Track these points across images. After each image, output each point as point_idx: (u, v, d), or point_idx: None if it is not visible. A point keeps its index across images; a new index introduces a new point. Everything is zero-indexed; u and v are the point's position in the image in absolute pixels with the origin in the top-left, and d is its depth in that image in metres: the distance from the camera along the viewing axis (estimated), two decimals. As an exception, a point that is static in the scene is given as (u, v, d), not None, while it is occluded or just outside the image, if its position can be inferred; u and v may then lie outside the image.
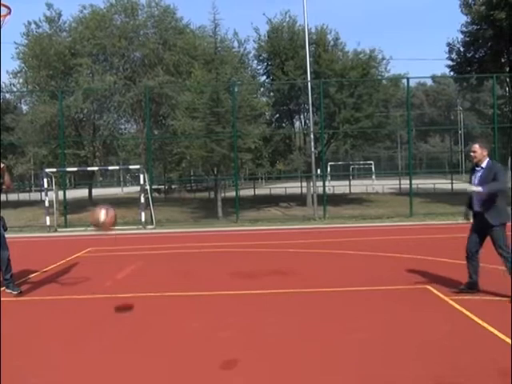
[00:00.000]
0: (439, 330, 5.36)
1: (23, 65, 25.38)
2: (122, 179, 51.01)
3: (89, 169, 23.79)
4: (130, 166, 21.13)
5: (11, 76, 26.13)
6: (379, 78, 24.03)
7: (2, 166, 7.48)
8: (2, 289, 7.79)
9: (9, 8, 6.49)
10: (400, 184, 32.84)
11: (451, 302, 6.36)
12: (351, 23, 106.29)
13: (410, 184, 19.28)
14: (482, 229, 6.57)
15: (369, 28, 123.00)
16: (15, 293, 7.67)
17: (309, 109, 21.41)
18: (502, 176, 6.47)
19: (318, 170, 22.71)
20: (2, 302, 7.29)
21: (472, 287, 6.76)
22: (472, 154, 6.67)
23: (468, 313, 5.85)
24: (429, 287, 7.15)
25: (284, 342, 5.13)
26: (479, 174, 6.58)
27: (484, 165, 6.56)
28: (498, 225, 6.43)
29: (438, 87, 79.74)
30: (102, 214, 6.03)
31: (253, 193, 33.65)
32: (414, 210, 18.72)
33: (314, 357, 4.70)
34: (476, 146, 6.60)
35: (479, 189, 6.38)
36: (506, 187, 6.69)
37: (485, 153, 6.58)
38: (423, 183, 30.62)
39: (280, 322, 5.83)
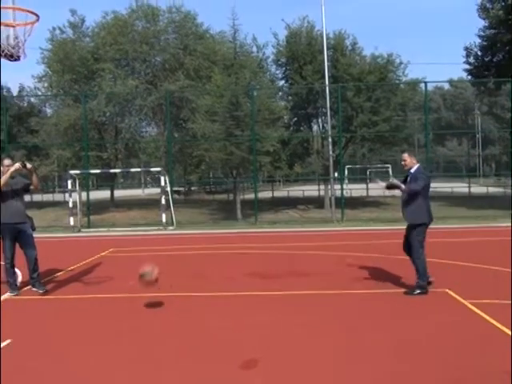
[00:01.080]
0: (458, 333, 5.36)
1: (48, 69, 25.95)
2: (142, 181, 51.50)
3: (111, 171, 24.31)
4: (151, 169, 21.62)
5: (36, 80, 26.83)
6: (397, 82, 24.14)
7: (30, 166, 7.67)
8: (28, 287, 7.98)
9: (37, 15, 6.65)
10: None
11: (470, 305, 6.34)
12: (369, 28, 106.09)
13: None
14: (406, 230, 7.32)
15: (386, 33, 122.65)
16: (41, 291, 7.84)
17: (326, 112, 21.57)
18: (419, 179, 7.07)
19: (336, 173, 22.88)
20: (28, 300, 7.52)
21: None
22: (402, 162, 7.40)
23: (487, 317, 5.81)
24: (448, 291, 7.13)
25: (303, 343, 5.18)
26: (408, 178, 7.29)
27: (413, 170, 7.25)
28: (412, 224, 7.09)
29: (455, 91, 79.23)
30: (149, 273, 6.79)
31: (271, 195, 33.86)
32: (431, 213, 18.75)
33: (332, 357, 4.76)
34: (405, 155, 7.38)
35: (382, 185, 6.98)
36: (412, 189, 7.07)
37: (414, 160, 7.31)
38: (441, 187, 30.55)
39: (299, 323, 5.88)
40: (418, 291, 7.01)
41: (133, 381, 4.42)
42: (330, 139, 21.27)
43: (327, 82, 21.14)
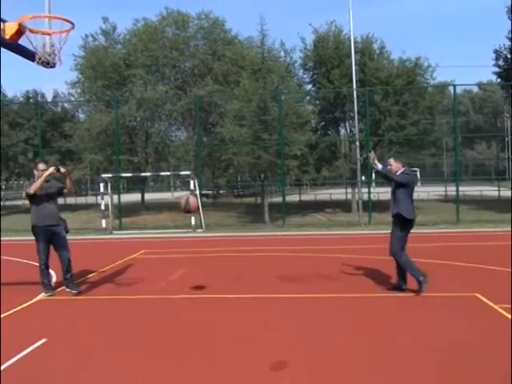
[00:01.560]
0: (488, 338, 5.32)
1: (81, 76, 26.62)
2: (172, 184, 52.05)
3: (142, 174, 24.75)
4: (181, 172, 21.92)
5: (69, 86, 27.53)
6: (425, 85, 24.01)
7: (64, 171, 7.88)
8: (62, 288, 8.17)
9: (72, 23, 6.76)
10: (446, 191, 32.51)
11: (500, 310, 6.30)
12: (397, 32, 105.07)
13: (457, 191, 19.21)
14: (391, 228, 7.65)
15: (414, 36, 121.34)
16: (74, 292, 8.00)
17: (354, 116, 21.51)
18: (399, 177, 7.44)
19: (363, 177, 22.84)
20: (61, 300, 7.67)
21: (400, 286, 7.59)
22: (389, 167, 7.70)
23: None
24: (477, 295, 7.09)
25: (331, 346, 5.22)
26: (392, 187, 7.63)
27: (398, 174, 7.55)
28: (396, 216, 7.50)
29: (484, 94, 77.89)
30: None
31: (298, 198, 33.86)
32: (460, 216, 18.62)
33: (360, 360, 4.79)
34: (391, 160, 7.75)
35: (378, 166, 7.56)
36: (395, 178, 7.45)
37: (399, 165, 7.62)
38: (469, 190, 30.17)
39: (326, 326, 5.94)
40: (422, 286, 7.21)
41: (163, 379, 4.53)
42: (357, 143, 21.21)
43: (355, 86, 21.13)
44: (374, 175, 22.24)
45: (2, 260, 12.23)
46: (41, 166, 8.06)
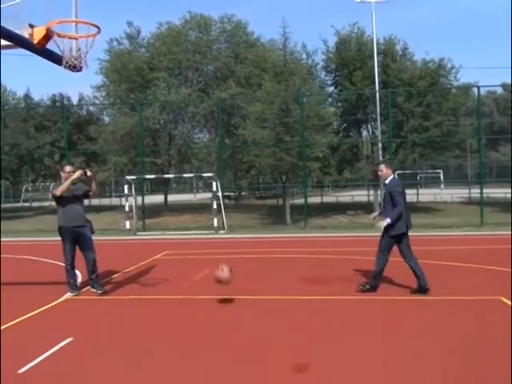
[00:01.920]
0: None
1: (105, 79, 27.04)
2: (194, 186, 52.38)
3: (165, 176, 25.04)
4: (204, 174, 22.17)
5: (95, 90, 28.00)
6: (448, 86, 23.80)
7: (90, 174, 7.93)
8: (87, 288, 8.28)
9: (98, 28, 6.83)
10: (470, 193, 32.14)
11: None
12: (419, 33, 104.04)
13: (481, 193, 19.00)
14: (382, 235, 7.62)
15: (437, 37, 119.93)
16: (99, 292, 8.08)
17: (376, 118, 21.51)
18: (395, 197, 7.32)
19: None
20: (87, 300, 7.78)
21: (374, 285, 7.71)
22: (379, 172, 7.69)
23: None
24: (502, 298, 7.00)
25: (354, 348, 5.20)
26: (384, 191, 7.65)
27: (387, 181, 7.53)
28: (394, 236, 7.45)
29: (508, 95, 76.48)
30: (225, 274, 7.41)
31: (320, 200, 33.78)
32: (484, 219, 18.42)
33: (384, 363, 4.78)
34: (382, 166, 7.63)
35: (387, 221, 7.29)
36: (400, 210, 7.33)
37: (389, 171, 7.53)
38: (493, 192, 29.76)
39: (350, 328, 5.92)
40: (368, 287, 7.57)
41: (186, 380, 4.57)
42: (379, 145, 21.19)
43: (377, 88, 21.14)
44: (396, 177, 21.95)
45: (29, 260, 12.58)
46: (67, 168, 8.18)
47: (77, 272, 8.42)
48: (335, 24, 52.14)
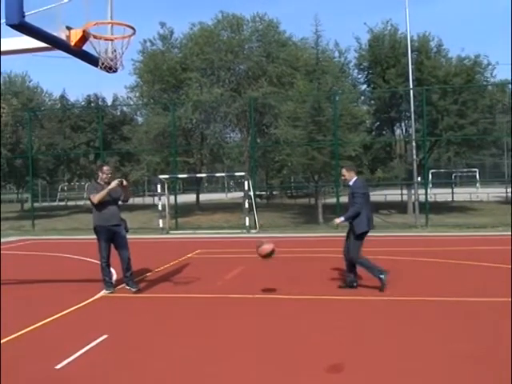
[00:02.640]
0: None
1: (139, 80, 27.37)
2: (226, 185, 52.66)
3: (198, 175, 25.23)
4: (236, 173, 22.25)
5: (128, 90, 28.43)
6: (484, 83, 23.29)
7: (126, 183, 8.15)
8: (122, 285, 8.41)
9: (133, 29, 6.86)
10: (506, 192, 31.40)
11: None
12: (455, 29, 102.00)
13: (517, 192, 18.58)
14: (347, 235, 7.97)
15: (473, 33, 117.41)
16: (134, 290, 8.20)
17: (410, 116, 21.17)
18: (356, 198, 7.65)
19: (419, 178, 22.42)
20: (121, 297, 7.90)
21: (352, 284, 8.01)
22: (342, 177, 8.12)
23: None
24: None
25: (388, 349, 5.19)
26: (348, 192, 7.99)
27: (351, 183, 7.86)
28: (358, 234, 7.71)
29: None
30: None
31: (352, 199, 33.40)
32: (521, 219, 18.01)
33: (417, 364, 4.75)
34: (343, 170, 8.06)
35: (341, 219, 7.80)
36: (357, 209, 7.63)
37: (352, 174, 7.89)
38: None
39: (383, 328, 5.90)
40: (383, 284, 7.70)
41: (219, 377, 4.60)
42: (413, 143, 20.89)
43: (411, 85, 20.79)
44: (430, 176, 21.75)
45: (65, 258, 12.85)
46: (105, 168, 8.32)
47: (112, 270, 8.55)
48: (368, 21, 51.70)
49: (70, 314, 6.93)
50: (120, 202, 8.41)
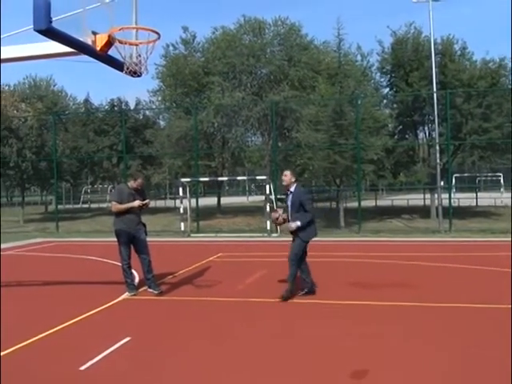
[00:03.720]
0: None
1: (161, 84, 27.61)
2: (247, 188, 52.75)
3: (219, 179, 25.30)
4: (257, 177, 22.27)
5: (151, 94, 28.68)
6: (510, 87, 22.93)
7: (147, 201, 8.31)
8: (145, 288, 8.47)
9: (158, 33, 6.87)
10: (532, 197, 30.78)
11: None
12: (479, 31, 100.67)
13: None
14: (293, 240, 7.83)
15: (498, 36, 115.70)
16: (156, 292, 8.25)
17: (434, 120, 20.96)
18: (307, 205, 7.66)
19: (442, 182, 22.17)
20: (144, 300, 7.97)
21: (312, 290, 7.93)
22: (283, 177, 7.85)
23: None
24: None
25: (410, 355, 5.14)
26: (290, 198, 7.76)
27: (292, 189, 7.75)
28: (307, 241, 7.76)
29: None
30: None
31: (374, 204, 33.31)
32: (547, 224, 17.64)
33: (441, 371, 4.70)
34: (288, 172, 7.84)
35: (297, 224, 7.57)
36: (312, 216, 7.74)
37: (293, 179, 7.79)
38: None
39: (405, 335, 5.84)
40: (285, 296, 7.55)
41: (239, 382, 4.62)
42: (437, 147, 20.65)
43: (435, 89, 20.59)
44: (454, 180, 21.50)
45: (88, 260, 12.97)
46: (140, 181, 8.41)
47: (134, 272, 8.67)
48: (391, 24, 51.25)
49: (94, 316, 7.00)
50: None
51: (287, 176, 7.80)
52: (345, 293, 8.24)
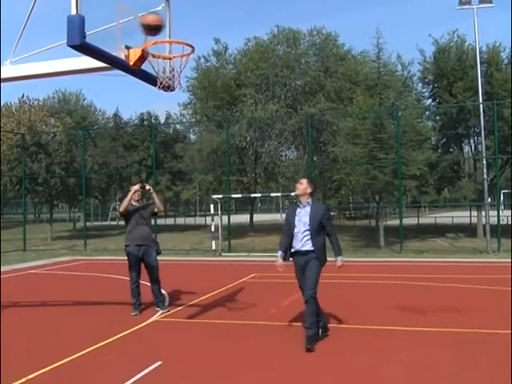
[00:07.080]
0: None
1: (192, 97, 27.29)
2: (281, 205, 52.20)
3: (252, 195, 24.61)
4: (291, 193, 21.32)
5: (182, 108, 28.34)
6: None
7: (149, 187, 8.28)
8: (175, 309, 8.31)
9: (192, 47, 6.80)
10: None
11: None
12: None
13: None
14: (302, 267, 6.49)
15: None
16: (163, 311, 8.21)
17: (480, 132, 20.14)
18: (332, 227, 6.55)
19: (489, 199, 21.15)
20: (175, 322, 7.79)
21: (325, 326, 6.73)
22: (298, 185, 6.51)
23: None
24: None
25: None
26: (307, 212, 6.39)
27: (308, 202, 6.43)
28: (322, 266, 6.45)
29: None
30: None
31: (416, 222, 32.25)
32: None
33: None
34: (304, 181, 6.47)
35: (342, 259, 6.59)
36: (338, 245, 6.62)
37: (309, 190, 6.42)
38: None
39: (450, 363, 5.52)
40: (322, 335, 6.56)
41: None
42: (484, 161, 19.71)
43: (481, 100, 19.72)
44: (502, 197, 20.42)
45: (117, 279, 12.65)
46: (136, 186, 8.39)
47: (164, 292, 8.75)
48: (433, 33, 50.03)
49: (124, 338, 6.92)
50: (156, 214, 8.75)
51: (303, 184, 6.43)
52: (387, 317, 7.88)
